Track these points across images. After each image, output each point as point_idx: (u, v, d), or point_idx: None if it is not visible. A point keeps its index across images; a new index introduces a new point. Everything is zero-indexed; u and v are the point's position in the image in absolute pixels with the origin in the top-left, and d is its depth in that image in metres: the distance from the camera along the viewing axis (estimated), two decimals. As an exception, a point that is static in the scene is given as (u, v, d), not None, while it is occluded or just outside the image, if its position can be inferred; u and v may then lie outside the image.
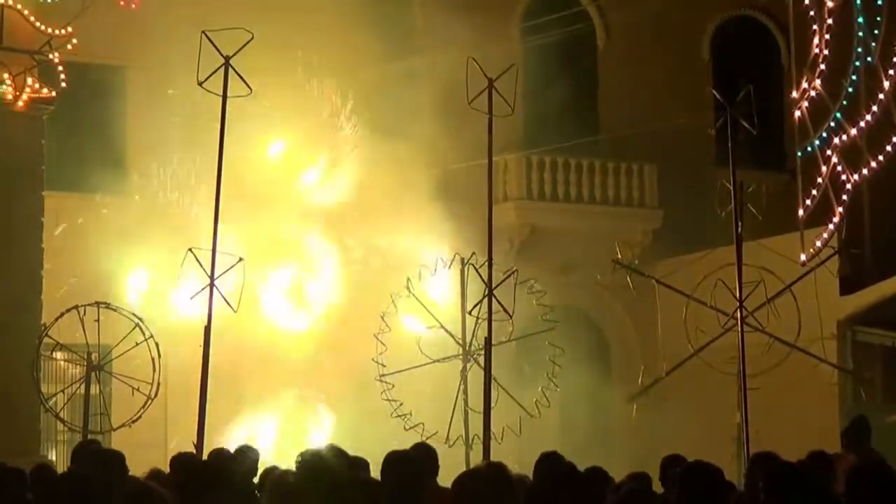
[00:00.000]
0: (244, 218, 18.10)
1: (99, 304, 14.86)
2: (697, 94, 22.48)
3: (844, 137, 17.26)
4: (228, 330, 14.19)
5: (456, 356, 15.36)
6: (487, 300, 11.59)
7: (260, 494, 8.77)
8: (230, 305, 11.42)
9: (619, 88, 24.64)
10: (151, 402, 14.79)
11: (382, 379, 15.75)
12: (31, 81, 16.74)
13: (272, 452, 16.85)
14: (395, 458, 6.98)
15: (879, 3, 17.61)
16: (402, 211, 19.94)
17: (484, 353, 12.00)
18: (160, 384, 14.88)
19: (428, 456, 8.62)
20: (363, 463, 8.63)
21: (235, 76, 11.17)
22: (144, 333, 14.82)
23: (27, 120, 16.83)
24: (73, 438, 16.08)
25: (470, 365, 15.07)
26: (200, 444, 10.84)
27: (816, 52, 17.64)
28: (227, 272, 11.35)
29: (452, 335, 15.41)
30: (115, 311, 15.03)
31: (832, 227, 17.21)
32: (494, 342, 12.12)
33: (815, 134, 17.40)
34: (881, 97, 17.36)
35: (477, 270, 13.88)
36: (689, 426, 19.39)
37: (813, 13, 17.87)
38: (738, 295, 13.13)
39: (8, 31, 16.60)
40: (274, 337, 19.68)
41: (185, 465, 8.55)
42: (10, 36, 16.62)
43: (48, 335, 15.01)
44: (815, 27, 17.79)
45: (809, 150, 17.50)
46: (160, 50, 18.74)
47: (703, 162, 22.92)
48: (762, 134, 14.71)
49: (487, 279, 11.57)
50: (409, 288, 16.03)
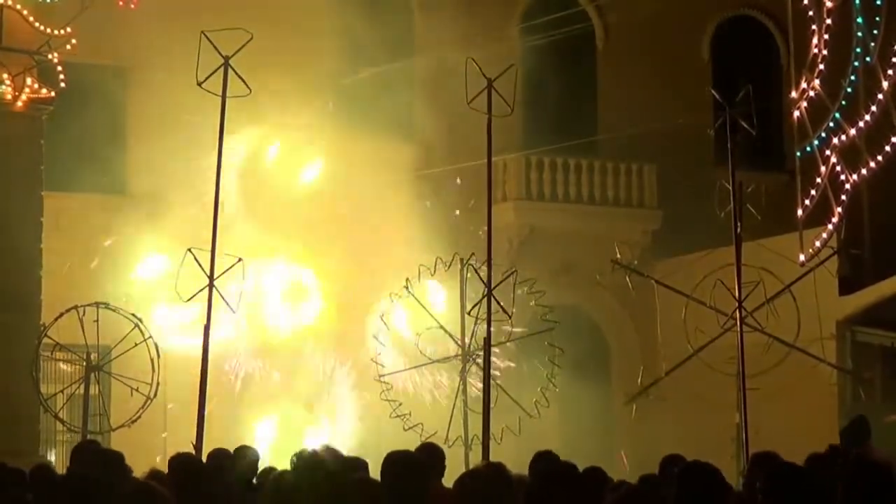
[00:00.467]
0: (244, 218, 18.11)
1: (99, 304, 14.87)
2: (697, 94, 22.47)
3: (843, 137, 17.24)
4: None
5: (455, 356, 15.36)
6: (487, 300, 11.60)
7: (258, 495, 8.76)
8: (230, 306, 11.43)
9: (618, 88, 24.62)
10: (151, 402, 14.80)
11: (381, 379, 15.77)
12: (30, 81, 16.73)
13: (272, 453, 16.83)
14: (394, 458, 6.97)
15: (878, 3, 17.59)
16: (402, 210, 19.92)
17: (483, 353, 12.01)
18: (159, 384, 14.89)
19: (432, 456, 8.61)
20: (362, 463, 8.63)
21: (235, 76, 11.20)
22: (144, 334, 14.83)
23: (27, 120, 16.82)
24: (72, 438, 16.07)
25: (469, 365, 15.07)
26: (200, 444, 10.85)
27: (815, 52, 17.63)
28: (226, 272, 11.37)
29: (452, 335, 15.42)
30: (114, 311, 15.04)
31: (831, 227, 17.20)
32: (493, 342, 12.13)
33: (814, 134, 17.38)
34: (880, 97, 17.34)
35: (476, 271, 13.89)
36: (688, 426, 19.38)
37: (812, 13, 17.85)
38: (737, 295, 13.14)
39: (7, 31, 16.59)
40: (273, 337, 19.67)
41: (184, 465, 8.54)
42: (9, 36, 16.62)
43: (48, 335, 15.02)
44: (814, 27, 17.78)
45: (808, 150, 17.48)
46: (159, 50, 18.73)
47: (702, 162, 22.89)
48: (761, 134, 14.71)
49: (487, 279, 11.57)
50: (408, 288, 16.04)
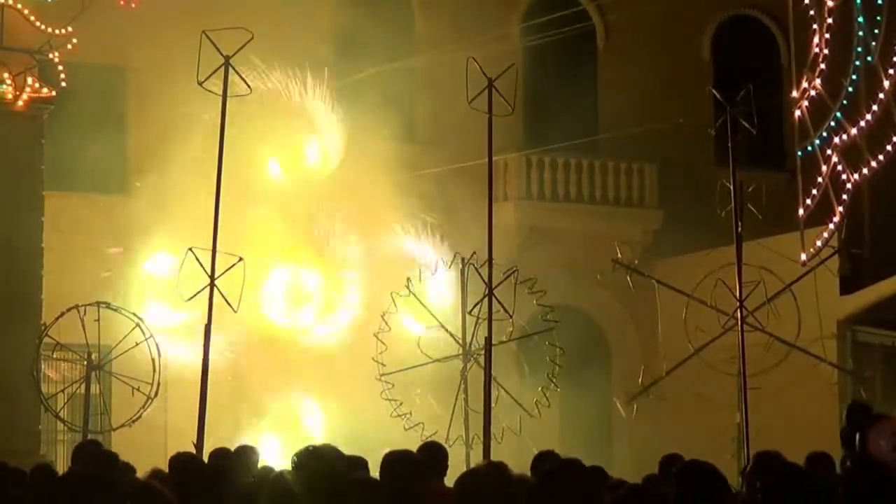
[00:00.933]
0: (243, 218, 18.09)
1: (99, 303, 14.87)
2: (697, 93, 22.45)
3: (844, 137, 17.22)
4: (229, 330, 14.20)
5: (456, 356, 15.36)
6: (487, 300, 11.60)
7: (259, 494, 8.76)
8: (230, 305, 11.43)
9: (618, 88, 24.62)
10: (151, 401, 14.80)
11: (382, 378, 15.77)
12: (30, 81, 16.73)
13: (270, 453, 16.83)
14: (393, 457, 6.97)
15: (879, 2, 17.58)
16: (401, 211, 19.91)
17: (484, 353, 12.01)
18: (160, 384, 14.89)
19: (434, 456, 8.60)
20: (362, 462, 8.63)
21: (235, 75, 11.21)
22: (144, 333, 14.83)
23: (27, 119, 16.82)
24: (73, 438, 16.07)
25: (470, 365, 15.07)
26: (200, 444, 10.85)
27: (816, 51, 17.61)
28: (227, 272, 11.38)
29: (453, 335, 15.42)
30: (115, 310, 15.04)
31: (832, 226, 17.18)
32: (494, 342, 12.13)
33: (815, 133, 17.36)
34: (881, 97, 17.32)
35: (477, 270, 13.89)
36: (688, 426, 19.37)
37: (813, 12, 17.83)
38: (737, 295, 13.14)
39: (8, 30, 16.59)
40: (273, 336, 19.66)
41: (184, 464, 8.54)
42: (10, 36, 16.61)
43: (48, 335, 15.01)
44: (815, 26, 17.76)
45: (809, 149, 17.46)
46: (160, 49, 18.73)
47: (703, 162, 22.89)
48: (762, 134, 14.71)
49: (487, 279, 11.58)
50: (409, 287, 16.04)
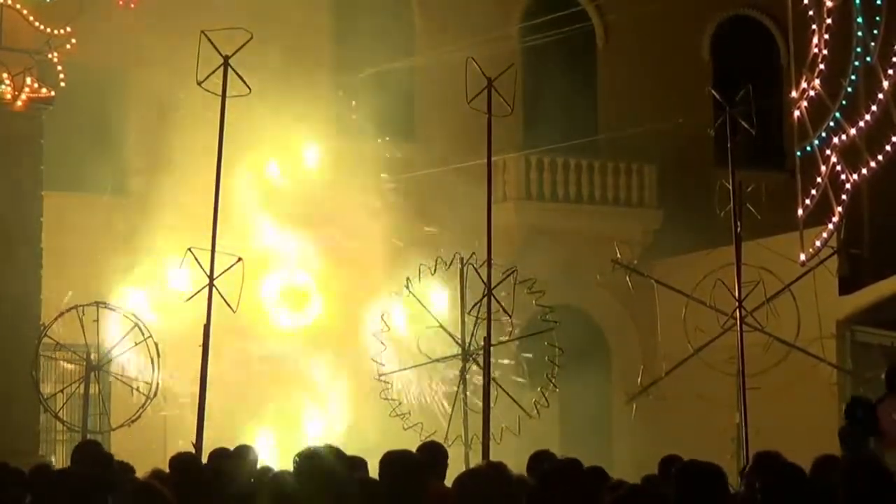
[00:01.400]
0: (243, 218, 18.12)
1: (98, 303, 14.88)
2: (697, 94, 22.46)
3: (844, 137, 17.21)
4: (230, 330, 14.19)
5: (455, 356, 15.35)
6: (487, 300, 11.59)
7: (258, 495, 8.76)
8: (229, 305, 11.43)
9: (618, 88, 24.63)
10: (150, 401, 14.81)
11: (381, 378, 15.76)
12: (29, 81, 16.72)
13: (270, 453, 16.84)
14: (392, 457, 6.97)
15: (879, 2, 17.57)
16: (400, 211, 19.92)
17: (483, 353, 12.00)
18: (159, 384, 14.90)
19: (434, 456, 8.59)
20: (361, 463, 8.63)
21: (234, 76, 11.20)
22: (143, 333, 14.83)
23: (26, 119, 16.80)
24: (73, 438, 16.08)
25: (469, 365, 15.06)
26: (200, 444, 10.85)
27: (816, 51, 17.60)
28: (226, 272, 11.37)
29: (452, 335, 15.41)
30: (114, 311, 15.04)
31: (831, 226, 17.17)
32: (494, 342, 12.13)
33: (814, 134, 17.35)
34: (880, 97, 17.31)
35: (476, 270, 13.88)
36: (688, 426, 19.38)
37: (812, 13, 17.83)
38: (737, 294, 13.14)
39: (7, 30, 16.57)
40: (272, 336, 19.67)
41: (184, 465, 8.55)
42: (9, 36, 16.60)
43: (48, 335, 15.02)
44: (814, 27, 17.75)
45: (809, 149, 17.45)
46: (159, 49, 18.72)
47: (702, 162, 22.90)
48: (761, 134, 14.69)
49: (487, 279, 11.57)
50: (408, 287, 16.03)
